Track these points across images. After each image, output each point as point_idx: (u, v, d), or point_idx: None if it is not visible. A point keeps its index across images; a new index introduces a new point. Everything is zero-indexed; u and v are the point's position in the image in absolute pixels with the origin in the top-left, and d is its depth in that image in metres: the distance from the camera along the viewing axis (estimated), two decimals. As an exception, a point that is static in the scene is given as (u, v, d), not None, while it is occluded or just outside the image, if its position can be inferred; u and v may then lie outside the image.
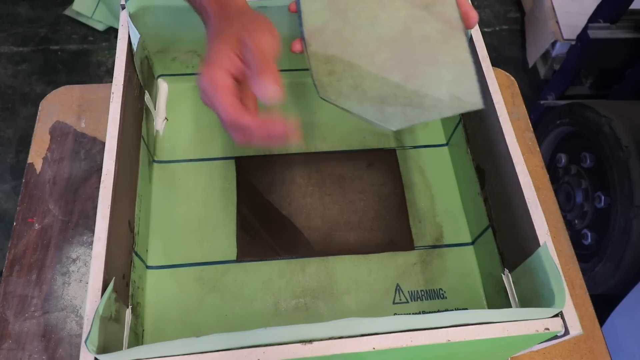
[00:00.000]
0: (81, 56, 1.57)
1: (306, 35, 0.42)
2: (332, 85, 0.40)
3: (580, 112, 1.07)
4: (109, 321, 0.38)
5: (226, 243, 0.54)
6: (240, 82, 0.38)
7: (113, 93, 0.46)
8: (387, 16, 0.42)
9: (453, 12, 0.41)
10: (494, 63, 0.51)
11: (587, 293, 0.55)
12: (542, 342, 0.39)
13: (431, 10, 0.41)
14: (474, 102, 0.39)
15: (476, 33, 0.52)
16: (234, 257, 0.53)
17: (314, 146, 0.60)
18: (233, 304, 0.50)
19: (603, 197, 1.00)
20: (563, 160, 1.14)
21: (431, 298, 0.52)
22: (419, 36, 0.41)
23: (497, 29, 1.72)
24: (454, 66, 0.40)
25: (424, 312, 0.51)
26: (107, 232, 0.40)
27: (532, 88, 1.58)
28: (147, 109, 0.56)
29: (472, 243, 0.55)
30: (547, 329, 0.37)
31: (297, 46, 0.43)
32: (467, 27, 0.41)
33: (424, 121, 0.39)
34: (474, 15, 0.41)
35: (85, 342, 0.34)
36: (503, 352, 0.44)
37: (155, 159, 0.58)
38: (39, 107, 0.64)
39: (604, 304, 0.77)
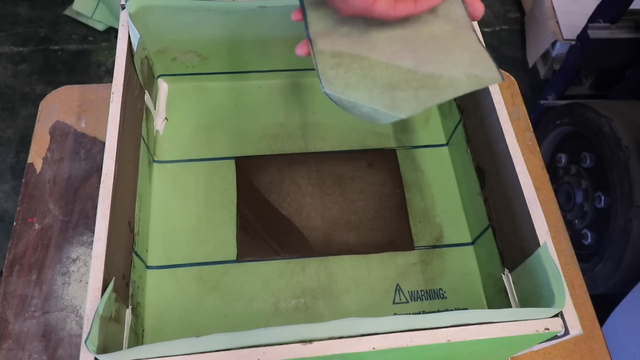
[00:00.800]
0: (81, 56, 1.57)
1: (312, 36, 0.41)
2: (339, 77, 0.39)
3: (580, 112, 1.07)
4: (109, 321, 0.38)
5: (226, 243, 0.54)
6: None
7: (113, 93, 0.46)
8: (394, 21, 0.41)
9: (460, 10, 0.41)
10: (494, 63, 0.51)
11: (587, 293, 0.55)
12: (542, 342, 0.39)
13: (437, 13, 0.41)
14: (493, 77, 0.37)
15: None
16: (234, 257, 0.53)
17: (314, 146, 0.60)
18: (233, 304, 0.50)
19: (603, 197, 1.00)
20: (563, 160, 1.14)
21: (431, 298, 0.52)
22: (428, 35, 0.40)
23: (497, 29, 1.72)
24: (467, 53, 0.39)
25: (424, 312, 0.51)
26: (107, 232, 0.40)
27: (532, 88, 1.58)
28: (147, 109, 0.56)
29: (472, 243, 0.55)
30: (547, 329, 0.37)
31: (302, 49, 0.42)
32: (473, 18, 0.41)
33: (438, 102, 0.37)
34: (479, 6, 0.40)
35: (85, 342, 0.34)
36: (503, 352, 0.44)
37: (155, 159, 0.58)
38: (39, 107, 0.64)
39: (604, 304, 0.77)
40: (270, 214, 0.56)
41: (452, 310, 0.51)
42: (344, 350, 0.35)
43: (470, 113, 0.54)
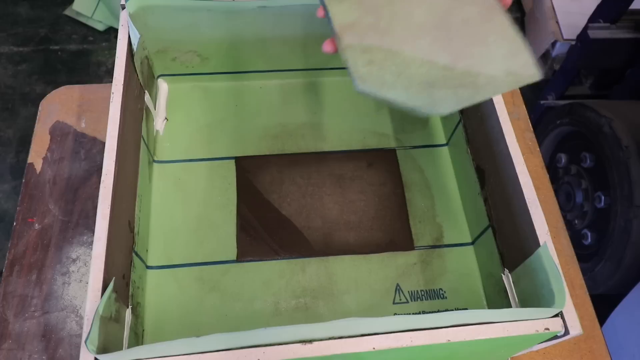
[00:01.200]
0: (81, 56, 1.57)
1: (338, 29, 0.40)
2: (373, 75, 0.38)
3: (580, 112, 1.07)
4: (109, 321, 0.38)
5: (226, 243, 0.54)
6: None
7: (113, 93, 0.46)
8: (421, 9, 0.40)
9: None
10: (494, 63, 0.51)
11: (587, 293, 0.55)
12: (542, 342, 0.39)
13: None
14: (531, 75, 0.37)
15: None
16: (234, 257, 0.53)
17: (314, 146, 0.60)
18: (233, 304, 0.50)
19: (603, 197, 1.00)
20: (563, 160, 1.14)
21: (431, 298, 0.52)
22: (459, 21, 0.39)
23: (497, 29, 1.72)
24: (503, 42, 0.38)
25: (424, 312, 0.51)
26: (107, 232, 0.40)
27: (532, 88, 1.57)
28: (147, 109, 0.56)
29: (472, 243, 0.55)
30: (547, 329, 0.37)
31: (329, 46, 0.40)
32: (504, 6, 0.40)
33: (478, 101, 0.37)
34: None
35: (85, 342, 0.34)
36: (503, 352, 0.44)
37: (155, 159, 0.58)
38: (39, 107, 0.64)
39: (604, 304, 0.77)
40: (270, 214, 0.56)
41: (452, 310, 0.51)
42: (344, 350, 0.35)
43: (470, 113, 0.54)
